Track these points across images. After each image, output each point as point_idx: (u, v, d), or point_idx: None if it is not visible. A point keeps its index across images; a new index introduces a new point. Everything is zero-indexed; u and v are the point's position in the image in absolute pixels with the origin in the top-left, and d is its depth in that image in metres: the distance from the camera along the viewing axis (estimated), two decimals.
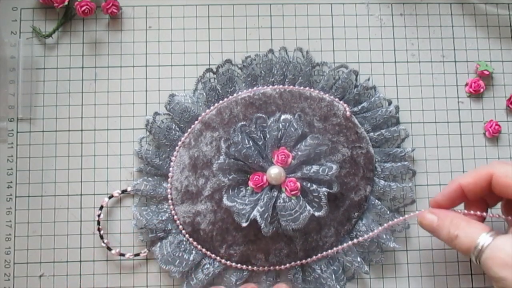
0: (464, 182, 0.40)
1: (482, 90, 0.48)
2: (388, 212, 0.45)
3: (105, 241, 0.44)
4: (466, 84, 0.49)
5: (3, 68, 0.46)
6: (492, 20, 0.50)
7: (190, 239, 0.44)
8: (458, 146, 0.48)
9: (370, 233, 0.44)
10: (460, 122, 0.48)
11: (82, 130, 0.47)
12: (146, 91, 0.47)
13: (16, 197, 0.46)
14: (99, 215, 0.45)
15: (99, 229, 0.44)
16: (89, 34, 0.48)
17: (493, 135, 0.48)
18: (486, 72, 0.48)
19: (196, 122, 0.45)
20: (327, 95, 0.46)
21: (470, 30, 0.49)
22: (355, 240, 0.44)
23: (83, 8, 0.46)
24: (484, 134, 0.48)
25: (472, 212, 0.40)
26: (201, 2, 0.49)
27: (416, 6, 0.50)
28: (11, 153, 0.46)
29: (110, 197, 0.45)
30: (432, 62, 0.49)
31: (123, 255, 0.45)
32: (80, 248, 0.45)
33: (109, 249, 0.44)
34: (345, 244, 0.44)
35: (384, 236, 0.44)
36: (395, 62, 0.49)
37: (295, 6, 0.49)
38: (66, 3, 0.46)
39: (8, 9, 0.48)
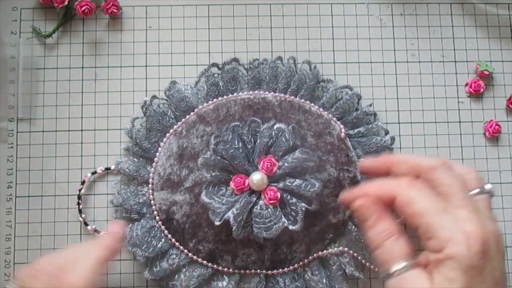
0: (371, 192, 0.37)
1: (482, 90, 0.48)
2: (363, 240, 0.44)
3: (83, 215, 0.45)
4: (466, 84, 0.49)
5: (3, 68, 0.46)
6: (492, 20, 0.50)
7: (162, 227, 0.44)
8: (458, 146, 0.48)
9: (340, 248, 0.44)
10: (460, 122, 0.48)
11: (82, 130, 0.47)
12: (146, 91, 0.47)
13: (16, 197, 0.46)
14: (80, 190, 0.45)
15: (78, 204, 0.45)
16: (89, 34, 0.48)
17: (493, 135, 0.48)
18: (486, 72, 0.48)
19: (191, 113, 0.45)
20: (326, 112, 0.45)
21: (470, 30, 0.49)
22: (323, 252, 0.44)
23: (83, 8, 0.46)
24: (484, 134, 0.48)
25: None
26: (201, 2, 0.49)
27: (416, 6, 0.50)
28: (11, 153, 0.46)
29: (93, 173, 0.45)
30: (432, 62, 0.49)
31: (98, 232, 0.45)
32: None
33: (85, 224, 0.45)
34: (314, 255, 0.44)
35: (352, 264, 0.44)
36: (395, 62, 0.49)
37: (295, 6, 0.49)
38: (66, 3, 0.46)
39: (8, 9, 0.48)
